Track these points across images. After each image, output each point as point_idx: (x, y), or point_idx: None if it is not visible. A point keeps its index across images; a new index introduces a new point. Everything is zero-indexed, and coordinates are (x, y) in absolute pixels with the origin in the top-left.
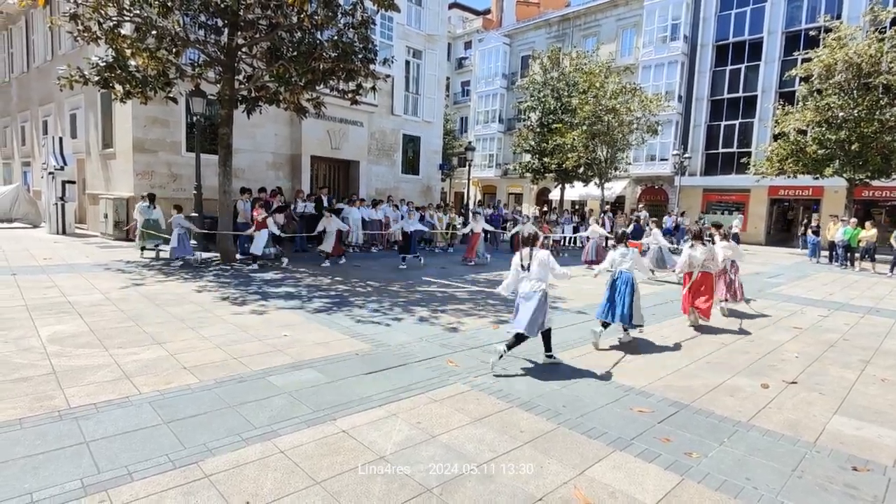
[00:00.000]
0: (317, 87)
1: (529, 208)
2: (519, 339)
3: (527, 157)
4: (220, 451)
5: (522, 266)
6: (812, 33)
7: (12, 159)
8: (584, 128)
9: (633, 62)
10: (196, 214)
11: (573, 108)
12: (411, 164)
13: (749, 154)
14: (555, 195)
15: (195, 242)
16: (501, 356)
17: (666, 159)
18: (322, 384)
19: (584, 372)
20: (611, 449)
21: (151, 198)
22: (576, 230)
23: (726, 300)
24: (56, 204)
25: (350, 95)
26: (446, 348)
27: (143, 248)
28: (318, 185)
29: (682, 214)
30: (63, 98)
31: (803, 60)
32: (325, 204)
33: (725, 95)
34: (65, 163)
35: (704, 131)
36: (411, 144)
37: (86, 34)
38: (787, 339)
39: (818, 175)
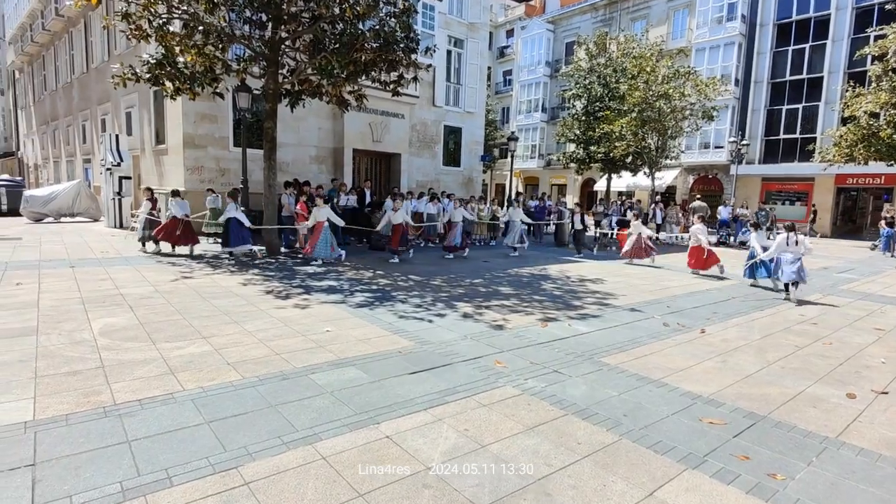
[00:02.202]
0: (358, 79)
1: (573, 199)
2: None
3: (571, 147)
4: (261, 455)
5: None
6: (889, 6)
7: (74, 157)
8: (634, 115)
9: (686, 45)
10: (243, 208)
11: (621, 94)
12: (452, 156)
13: (814, 140)
14: (600, 186)
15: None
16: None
17: (721, 147)
18: (364, 384)
19: (645, 377)
20: (681, 467)
21: (211, 191)
22: (622, 221)
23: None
24: (113, 199)
25: (392, 86)
26: (493, 347)
27: (211, 235)
28: (360, 179)
29: (744, 206)
30: (119, 97)
31: (877, 37)
32: (368, 198)
33: (787, 78)
34: (121, 159)
35: (764, 116)
36: (453, 136)
37: (137, 32)
38: (869, 342)
39: (893, 161)
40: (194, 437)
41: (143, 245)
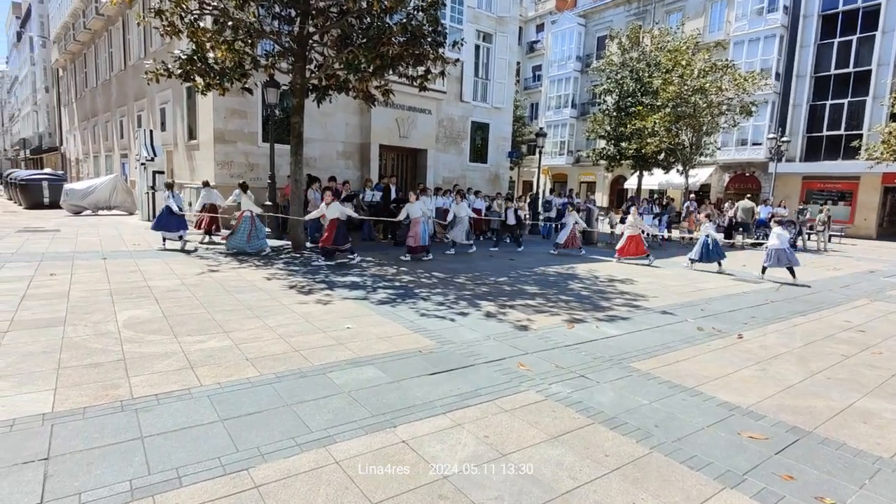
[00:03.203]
0: (385, 74)
1: (603, 197)
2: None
3: (601, 143)
4: (273, 456)
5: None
6: None
7: (113, 152)
8: (668, 110)
9: (724, 38)
10: (270, 203)
11: (654, 89)
12: (479, 152)
13: (860, 137)
14: (631, 183)
15: (269, 230)
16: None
17: (759, 143)
18: (383, 384)
19: (678, 384)
20: (719, 485)
21: (244, 186)
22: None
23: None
24: (147, 192)
25: (419, 81)
26: (516, 349)
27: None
28: (386, 175)
29: (782, 205)
30: (154, 93)
31: None
32: (393, 194)
33: (832, 71)
34: (155, 154)
35: (806, 112)
36: (480, 132)
37: (169, 29)
38: None
39: None
40: (207, 435)
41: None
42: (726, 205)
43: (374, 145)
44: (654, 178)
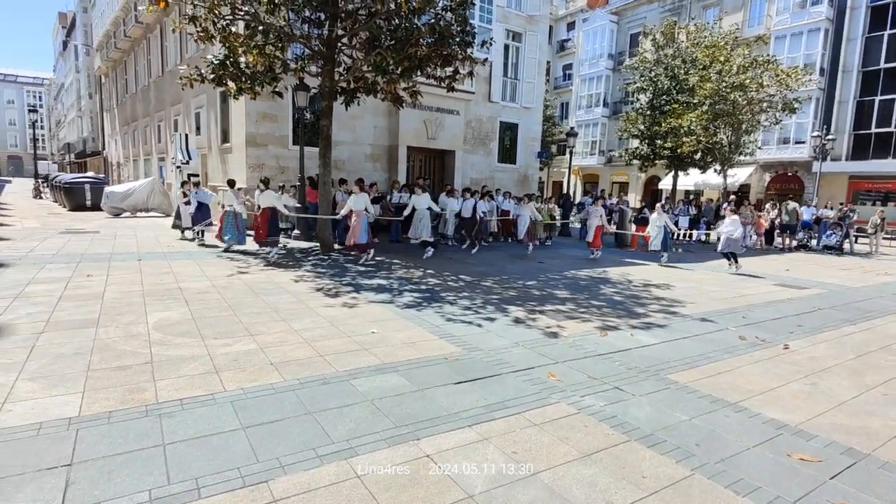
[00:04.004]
0: (413, 76)
1: (636, 197)
2: None
3: (635, 143)
4: (293, 468)
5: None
6: None
7: (151, 155)
8: (705, 108)
9: (765, 32)
10: (300, 205)
11: (690, 86)
12: (508, 153)
13: None
14: (665, 183)
15: (297, 232)
16: None
17: (803, 142)
18: (407, 392)
19: (720, 398)
20: None
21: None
22: (693, 223)
23: None
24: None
25: (447, 82)
26: (546, 357)
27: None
28: (413, 176)
29: (828, 206)
30: (189, 98)
31: None
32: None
33: (882, 65)
34: (190, 157)
35: (853, 108)
36: (508, 132)
37: (203, 34)
38: None
39: None
40: (228, 443)
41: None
42: (767, 206)
43: (401, 147)
44: (690, 179)
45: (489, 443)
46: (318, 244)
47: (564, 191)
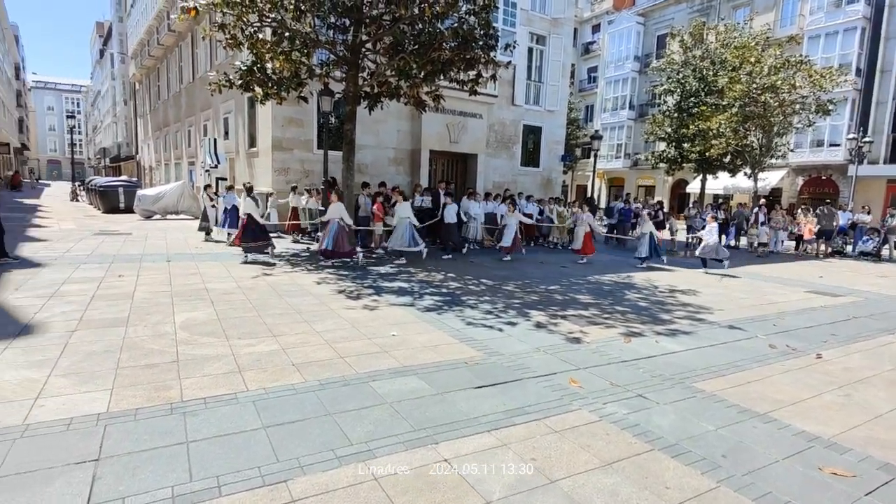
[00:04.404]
0: (436, 80)
1: (663, 201)
2: None
3: (661, 146)
4: (312, 469)
5: None
6: None
7: (181, 159)
8: (734, 110)
9: (797, 32)
10: (323, 209)
11: (720, 88)
12: (531, 156)
13: None
14: (693, 187)
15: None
16: None
17: (838, 144)
18: (426, 396)
19: (748, 409)
20: None
21: (293, 188)
22: (723, 226)
23: None
24: (211, 204)
25: (469, 86)
26: (568, 363)
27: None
28: (436, 180)
29: (865, 210)
30: (218, 103)
31: None
32: (442, 199)
33: None
34: (218, 161)
35: (891, 110)
36: (532, 136)
37: (231, 41)
38: None
39: None
40: (249, 443)
41: (207, 234)
42: (799, 211)
43: (424, 151)
44: (719, 182)
45: (508, 448)
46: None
47: (589, 194)
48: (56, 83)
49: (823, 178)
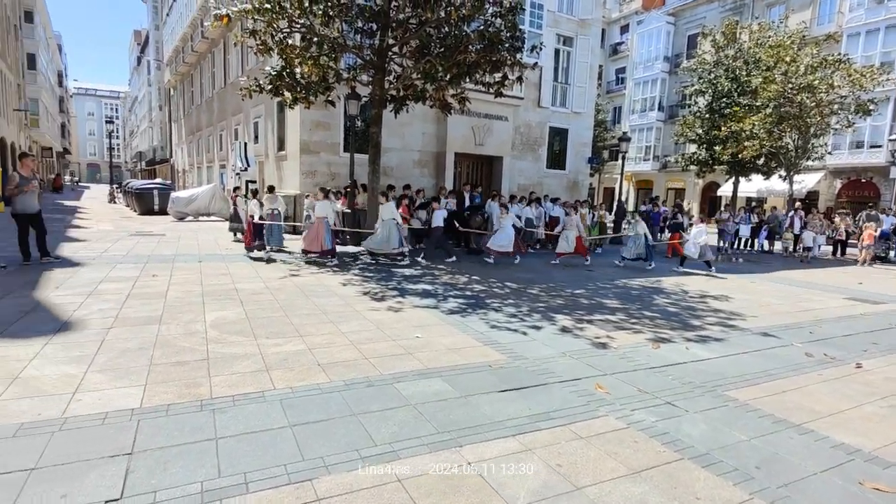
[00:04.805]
0: (462, 82)
1: (693, 205)
2: None
3: (692, 148)
4: (336, 468)
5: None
6: None
7: (213, 163)
8: (769, 111)
9: (836, 30)
10: (349, 211)
11: (753, 88)
12: (557, 159)
13: None
14: (725, 190)
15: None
16: None
17: (879, 146)
18: (450, 398)
19: (783, 419)
20: None
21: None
22: (755, 230)
23: None
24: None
25: (495, 88)
26: (594, 369)
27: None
28: (461, 182)
29: None
30: (249, 108)
31: None
32: (467, 202)
33: None
34: (248, 164)
35: None
36: (558, 138)
37: (262, 47)
38: None
39: None
40: (276, 441)
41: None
42: (837, 215)
43: (449, 153)
44: (753, 185)
45: (533, 454)
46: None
47: (617, 197)
48: (96, 90)
49: (863, 180)
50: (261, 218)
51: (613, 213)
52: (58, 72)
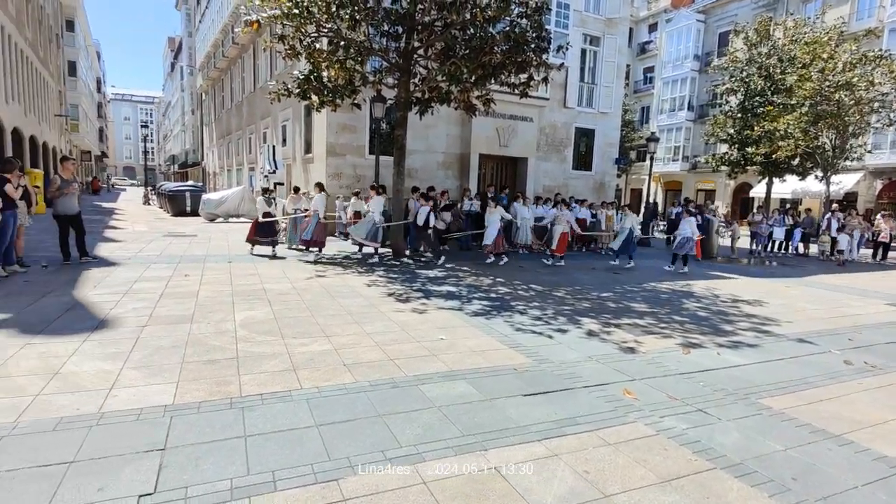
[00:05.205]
0: (487, 83)
1: (723, 206)
2: None
3: (723, 148)
4: (362, 469)
5: None
6: None
7: (242, 165)
8: (804, 109)
9: (876, 25)
10: (371, 211)
11: (788, 86)
12: (583, 159)
13: None
14: (758, 191)
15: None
16: None
17: None
18: (475, 401)
19: (821, 429)
20: None
21: (356, 193)
22: (789, 234)
23: None
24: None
25: (520, 89)
26: (622, 374)
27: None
28: (485, 184)
29: None
30: (277, 112)
31: None
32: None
33: None
34: (276, 167)
35: None
36: (584, 138)
37: (290, 52)
38: None
39: None
40: (303, 440)
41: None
42: (878, 217)
43: (473, 155)
44: (787, 186)
45: (559, 459)
46: (389, 250)
47: (645, 198)
48: (132, 95)
49: None
50: (265, 215)
51: (642, 214)
52: (96, 78)
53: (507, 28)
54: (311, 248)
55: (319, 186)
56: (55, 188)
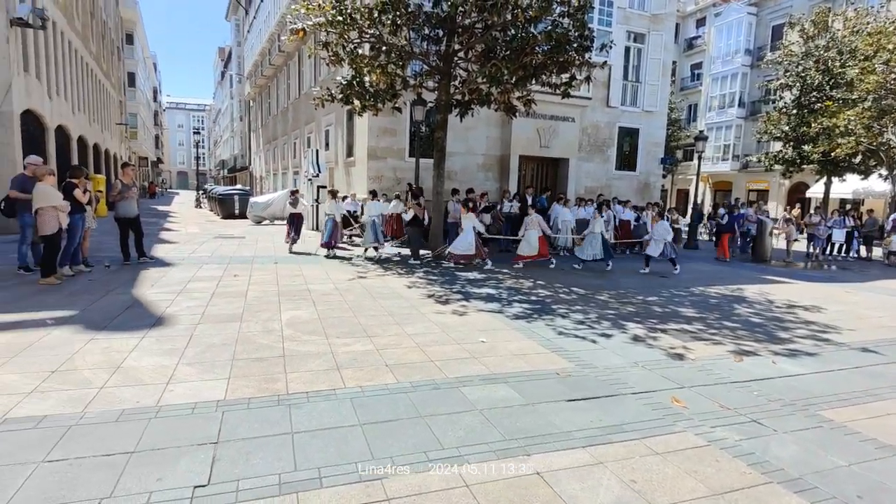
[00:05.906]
0: (528, 84)
1: (778, 207)
2: None
3: (777, 146)
4: (405, 469)
5: None
6: None
7: (287, 169)
8: (867, 104)
9: None
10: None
11: (848, 80)
12: (627, 160)
13: None
14: (815, 191)
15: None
16: None
17: None
18: (516, 405)
19: (889, 444)
20: None
21: (397, 196)
22: (849, 236)
23: None
24: (312, 205)
25: (562, 89)
26: (669, 381)
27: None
28: (524, 185)
29: None
30: (321, 117)
31: None
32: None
33: None
34: (319, 171)
35: None
36: (628, 138)
37: (334, 58)
38: None
39: None
40: (347, 438)
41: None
42: None
43: (513, 156)
44: (848, 185)
45: (605, 467)
46: (429, 252)
47: (692, 199)
48: (185, 103)
49: None
50: (291, 215)
51: (689, 215)
52: (153, 88)
53: (549, 28)
54: (332, 249)
55: (332, 194)
56: (116, 192)
